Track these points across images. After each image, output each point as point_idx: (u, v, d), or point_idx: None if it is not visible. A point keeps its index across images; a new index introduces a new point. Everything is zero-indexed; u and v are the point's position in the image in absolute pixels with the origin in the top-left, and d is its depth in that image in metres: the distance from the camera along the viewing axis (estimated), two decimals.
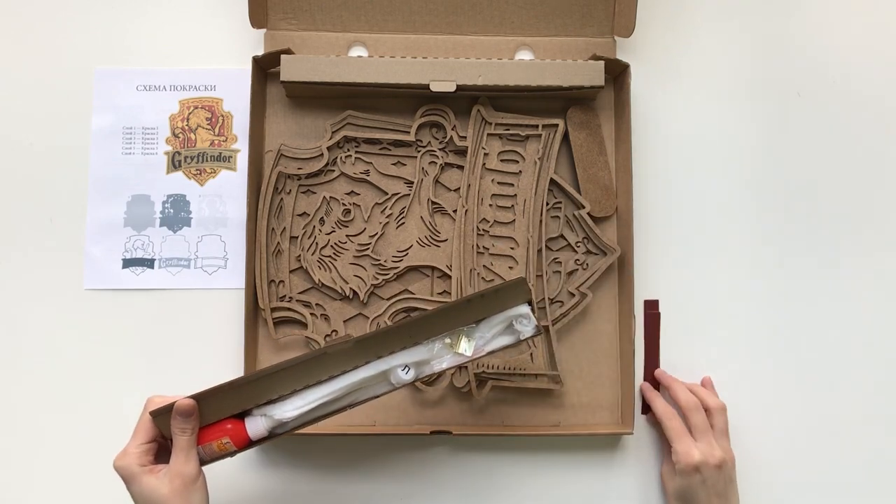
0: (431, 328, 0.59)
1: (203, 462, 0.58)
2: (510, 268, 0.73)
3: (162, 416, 0.57)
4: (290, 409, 0.58)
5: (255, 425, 0.58)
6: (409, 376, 0.59)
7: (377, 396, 0.60)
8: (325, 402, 0.59)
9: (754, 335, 0.75)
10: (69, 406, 0.72)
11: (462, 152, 0.73)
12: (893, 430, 0.74)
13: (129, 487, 0.57)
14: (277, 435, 0.59)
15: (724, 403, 0.70)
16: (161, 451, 0.59)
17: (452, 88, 0.70)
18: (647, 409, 0.73)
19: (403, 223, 0.73)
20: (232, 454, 0.59)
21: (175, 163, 0.75)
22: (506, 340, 0.61)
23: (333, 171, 0.73)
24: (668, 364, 0.73)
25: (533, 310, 0.62)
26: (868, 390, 0.74)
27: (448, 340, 0.60)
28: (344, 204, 0.73)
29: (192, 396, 0.57)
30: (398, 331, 0.59)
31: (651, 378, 0.73)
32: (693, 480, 0.67)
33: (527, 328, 0.61)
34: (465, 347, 0.60)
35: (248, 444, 0.59)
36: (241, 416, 0.59)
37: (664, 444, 0.71)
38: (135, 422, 0.71)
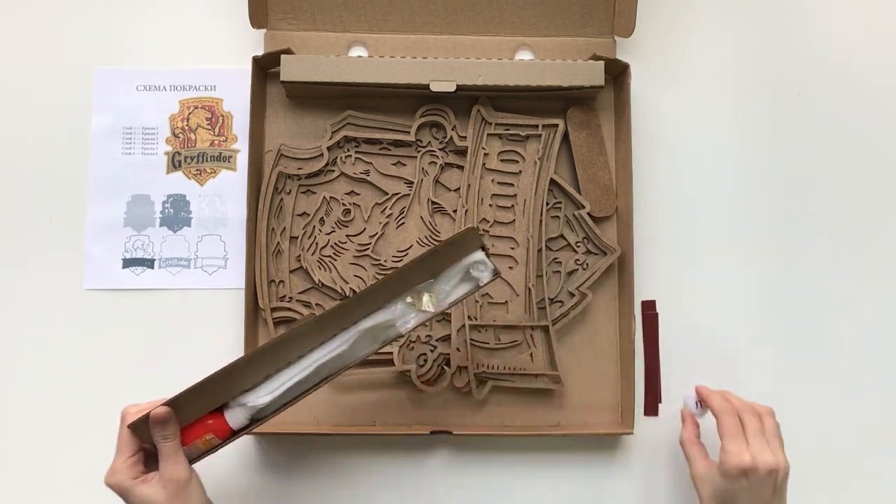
0: (389, 291, 0.60)
1: (192, 461, 0.59)
2: (510, 268, 0.73)
3: (141, 427, 0.57)
4: (264, 394, 0.59)
5: (235, 416, 0.59)
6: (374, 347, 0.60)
7: (354, 363, 0.61)
8: (298, 382, 0.59)
9: (755, 335, 0.75)
10: (69, 406, 0.72)
11: (462, 152, 0.73)
12: (894, 429, 0.74)
13: (126, 500, 0.58)
14: (259, 421, 0.60)
15: (771, 407, 0.65)
16: (149, 457, 0.59)
17: (452, 88, 0.70)
18: (649, 409, 0.73)
19: (403, 223, 0.73)
20: (218, 448, 0.59)
21: (175, 163, 0.75)
22: (466, 288, 0.62)
23: (333, 171, 0.73)
24: (668, 364, 0.73)
25: (487, 255, 0.62)
26: (868, 388, 0.74)
27: (410, 300, 0.60)
28: (344, 204, 0.73)
29: (166, 403, 0.57)
30: (357, 301, 0.59)
31: (651, 378, 0.73)
32: (738, 485, 0.61)
33: (484, 273, 0.62)
34: (428, 303, 0.60)
35: (232, 434, 0.59)
36: (220, 409, 0.59)
37: (693, 445, 0.66)
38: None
